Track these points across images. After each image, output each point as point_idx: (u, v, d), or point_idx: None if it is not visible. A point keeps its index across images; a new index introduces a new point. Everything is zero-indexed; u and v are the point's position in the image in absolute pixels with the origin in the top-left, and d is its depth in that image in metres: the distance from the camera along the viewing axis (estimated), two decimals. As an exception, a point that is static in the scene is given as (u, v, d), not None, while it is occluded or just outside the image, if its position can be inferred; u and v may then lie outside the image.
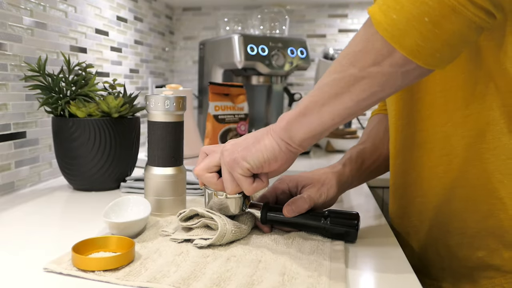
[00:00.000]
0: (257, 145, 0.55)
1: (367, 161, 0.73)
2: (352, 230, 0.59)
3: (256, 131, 0.57)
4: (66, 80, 0.88)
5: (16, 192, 0.88)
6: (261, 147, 0.54)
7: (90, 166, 0.85)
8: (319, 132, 0.52)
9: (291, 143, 0.53)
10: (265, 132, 0.56)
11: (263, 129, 0.57)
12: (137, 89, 1.49)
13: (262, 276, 0.48)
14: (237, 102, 1.08)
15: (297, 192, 0.67)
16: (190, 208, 0.61)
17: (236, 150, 0.55)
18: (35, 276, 0.48)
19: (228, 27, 1.49)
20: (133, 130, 0.91)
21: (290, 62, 1.29)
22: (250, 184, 0.56)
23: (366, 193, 0.91)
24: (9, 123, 0.87)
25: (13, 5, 0.86)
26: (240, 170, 0.55)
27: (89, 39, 1.16)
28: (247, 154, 0.54)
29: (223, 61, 1.29)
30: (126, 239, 0.54)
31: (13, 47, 0.87)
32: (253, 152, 0.54)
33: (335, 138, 1.49)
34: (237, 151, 0.55)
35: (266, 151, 0.54)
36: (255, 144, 0.55)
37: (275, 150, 0.54)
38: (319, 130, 0.52)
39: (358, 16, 1.76)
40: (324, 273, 0.48)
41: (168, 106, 0.68)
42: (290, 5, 1.78)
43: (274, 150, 0.54)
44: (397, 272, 0.51)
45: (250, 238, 0.61)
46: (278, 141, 0.54)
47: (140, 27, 1.50)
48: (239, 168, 0.55)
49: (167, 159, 0.70)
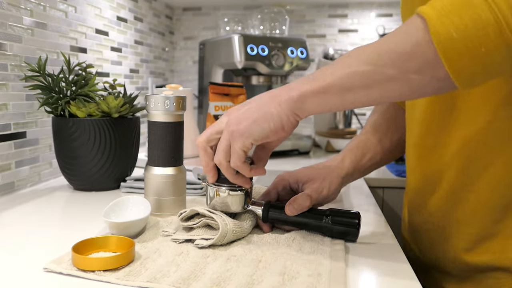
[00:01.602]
0: (263, 116, 0.53)
1: (368, 153, 0.73)
2: (354, 229, 0.59)
3: (258, 98, 0.55)
4: (66, 80, 0.88)
5: (16, 192, 0.88)
6: (268, 117, 0.52)
7: (90, 166, 0.85)
8: (332, 110, 0.52)
9: (300, 114, 0.52)
10: (270, 99, 0.53)
11: (265, 95, 0.55)
12: (137, 89, 1.49)
13: (262, 276, 0.48)
14: (237, 102, 1.08)
15: (298, 188, 0.67)
16: (191, 208, 0.61)
17: (241, 121, 0.53)
18: (35, 276, 0.48)
19: (228, 27, 1.49)
20: (133, 130, 0.91)
21: (290, 62, 1.29)
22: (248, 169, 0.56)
23: (366, 193, 0.91)
24: (9, 123, 0.87)
25: (13, 5, 0.86)
26: (241, 143, 0.53)
27: (89, 39, 1.16)
28: (253, 127, 0.53)
29: (223, 61, 1.29)
30: (126, 239, 0.54)
31: (13, 47, 0.87)
32: (260, 123, 0.53)
33: (335, 138, 1.49)
34: (243, 123, 0.53)
35: (272, 121, 0.52)
36: (261, 114, 0.53)
37: (282, 120, 0.52)
38: (334, 109, 0.52)
39: (358, 16, 1.76)
40: (324, 273, 0.48)
41: (168, 106, 0.68)
42: (290, 5, 1.78)
43: (281, 120, 0.52)
44: (397, 272, 0.51)
45: (251, 237, 0.61)
46: (287, 112, 0.52)
47: (140, 27, 1.50)
48: (241, 141, 0.53)
49: (167, 159, 0.70)
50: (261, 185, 0.76)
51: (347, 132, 1.51)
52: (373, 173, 1.12)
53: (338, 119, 1.54)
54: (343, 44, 1.77)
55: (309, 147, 1.41)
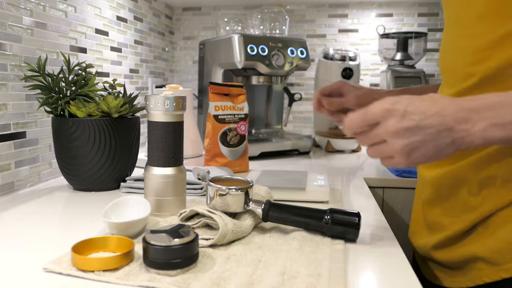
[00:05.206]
0: (434, 156, 0.50)
1: None
2: (354, 229, 0.59)
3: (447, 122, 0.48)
4: (66, 80, 0.88)
5: (16, 192, 0.88)
6: (435, 157, 0.50)
7: (90, 166, 0.85)
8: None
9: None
10: (450, 141, 0.49)
11: (457, 124, 0.48)
12: (137, 89, 1.49)
13: (262, 276, 0.48)
14: (237, 102, 1.08)
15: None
16: (191, 208, 0.61)
17: (414, 151, 0.49)
18: (35, 276, 0.48)
19: (228, 27, 1.49)
20: (133, 130, 0.91)
21: (290, 62, 1.29)
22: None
23: (366, 193, 0.91)
24: (9, 123, 0.87)
25: (12, 5, 0.86)
26: (396, 163, 0.51)
27: (89, 39, 1.16)
28: (419, 161, 0.50)
29: (223, 61, 1.29)
30: (126, 239, 0.54)
31: (13, 47, 0.87)
32: (442, 156, 0.50)
33: (335, 138, 1.49)
34: (414, 152, 0.49)
35: (435, 159, 0.50)
36: (435, 153, 0.49)
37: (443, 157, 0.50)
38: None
39: (358, 16, 1.76)
40: (324, 273, 0.48)
41: (168, 106, 0.68)
42: (290, 5, 1.78)
43: (443, 156, 0.50)
44: (397, 271, 0.51)
45: (251, 237, 0.61)
46: (479, 145, 0.49)
47: (140, 27, 1.50)
48: (398, 162, 0.51)
49: (167, 159, 0.70)
50: (261, 185, 0.76)
51: (347, 132, 1.51)
52: (373, 173, 1.12)
53: (338, 119, 1.54)
54: (343, 44, 1.77)
55: (309, 147, 1.41)
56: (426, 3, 1.71)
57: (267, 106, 1.53)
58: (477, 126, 0.47)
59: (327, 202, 0.80)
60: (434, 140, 0.49)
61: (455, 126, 0.48)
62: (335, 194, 0.87)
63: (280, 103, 1.55)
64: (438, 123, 0.48)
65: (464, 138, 0.48)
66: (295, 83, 1.83)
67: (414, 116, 0.49)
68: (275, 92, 1.53)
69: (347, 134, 0.54)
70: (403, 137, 0.49)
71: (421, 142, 0.49)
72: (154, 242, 0.48)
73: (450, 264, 0.65)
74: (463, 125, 0.48)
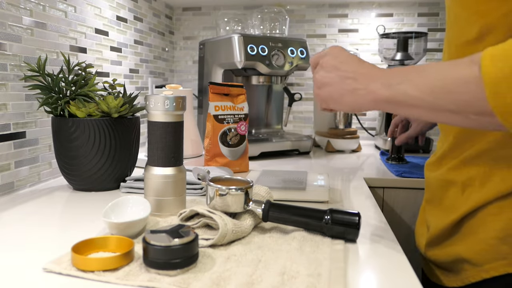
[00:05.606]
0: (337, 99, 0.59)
1: None
2: (354, 228, 0.59)
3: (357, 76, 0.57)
4: (66, 80, 0.88)
5: (16, 192, 0.88)
6: (352, 104, 0.57)
7: (90, 166, 0.85)
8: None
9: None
10: (351, 88, 0.57)
11: (362, 79, 0.56)
12: (137, 89, 1.49)
13: (262, 276, 0.48)
14: (237, 102, 1.08)
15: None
16: (191, 208, 0.61)
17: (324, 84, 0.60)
18: (35, 276, 0.48)
19: (228, 27, 1.49)
20: (133, 130, 0.91)
21: (290, 62, 1.29)
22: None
23: (366, 193, 0.91)
24: (8, 123, 0.87)
25: (12, 5, 0.86)
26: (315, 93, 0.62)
27: (89, 39, 1.16)
28: (337, 103, 0.59)
29: (223, 61, 1.29)
30: (126, 239, 0.54)
31: (13, 47, 0.87)
32: (342, 103, 0.58)
33: (335, 138, 1.49)
34: (324, 87, 0.60)
35: (352, 108, 0.57)
36: (337, 96, 0.58)
37: (360, 109, 0.57)
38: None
39: (358, 16, 1.76)
40: (324, 273, 0.48)
41: (168, 106, 0.68)
42: (290, 5, 1.78)
43: (360, 108, 0.57)
44: (396, 271, 0.51)
45: (251, 237, 0.61)
46: (370, 105, 0.55)
47: (140, 27, 1.50)
48: (314, 91, 0.62)
49: (167, 159, 0.70)
50: (261, 185, 0.76)
51: (347, 132, 1.51)
52: (373, 173, 1.12)
53: (338, 119, 1.54)
54: (343, 44, 1.77)
55: (309, 147, 1.41)
56: (426, 3, 1.71)
57: (267, 106, 1.53)
58: (373, 84, 0.54)
59: (327, 202, 0.80)
60: (340, 83, 0.58)
61: (359, 78, 0.56)
62: (335, 194, 0.87)
63: (280, 103, 1.55)
64: (351, 71, 0.57)
65: (360, 91, 0.55)
66: (295, 83, 1.83)
67: (339, 59, 0.59)
68: (275, 92, 1.53)
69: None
70: (323, 69, 0.60)
71: (331, 79, 0.59)
72: (154, 242, 0.48)
73: (442, 263, 0.67)
74: (365, 80, 0.55)
